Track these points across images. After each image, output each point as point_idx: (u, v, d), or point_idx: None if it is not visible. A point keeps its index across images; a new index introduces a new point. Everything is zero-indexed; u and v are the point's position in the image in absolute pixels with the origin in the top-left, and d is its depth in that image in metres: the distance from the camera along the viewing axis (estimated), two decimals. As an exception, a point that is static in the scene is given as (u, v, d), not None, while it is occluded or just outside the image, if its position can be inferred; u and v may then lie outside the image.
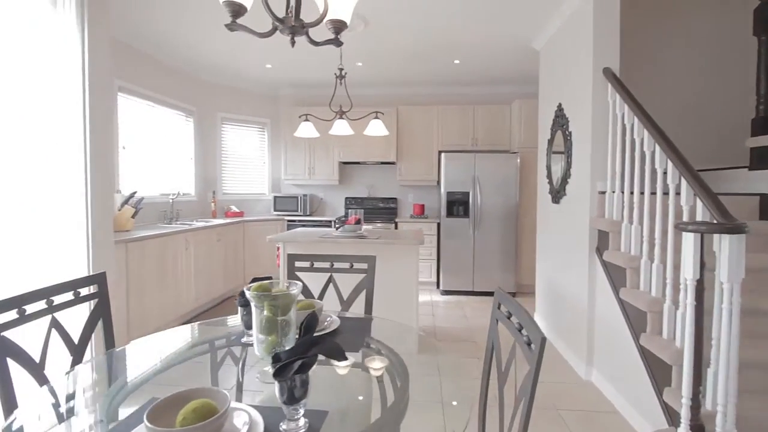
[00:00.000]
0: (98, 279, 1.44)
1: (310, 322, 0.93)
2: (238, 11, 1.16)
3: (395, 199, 5.82)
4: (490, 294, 4.96)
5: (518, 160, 4.85)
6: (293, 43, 1.16)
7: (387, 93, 5.83)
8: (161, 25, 3.64)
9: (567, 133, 3.24)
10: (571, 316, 3.11)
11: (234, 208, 5.43)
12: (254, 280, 1.45)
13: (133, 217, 3.58)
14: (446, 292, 5.05)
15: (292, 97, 5.97)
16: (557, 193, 3.42)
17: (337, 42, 1.27)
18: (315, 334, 1.46)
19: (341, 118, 3.50)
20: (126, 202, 3.60)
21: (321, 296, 1.92)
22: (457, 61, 4.57)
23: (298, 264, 1.99)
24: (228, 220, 4.87)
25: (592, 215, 2.84)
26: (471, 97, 5.71)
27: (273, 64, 4.76)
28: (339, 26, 1.26)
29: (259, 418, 0.88)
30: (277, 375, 0.78)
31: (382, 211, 5.80)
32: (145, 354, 1.36)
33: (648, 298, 2.13)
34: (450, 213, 4.98)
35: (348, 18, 1.27)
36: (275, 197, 5.61)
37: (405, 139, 5.51)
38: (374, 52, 4.31)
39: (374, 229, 4.07)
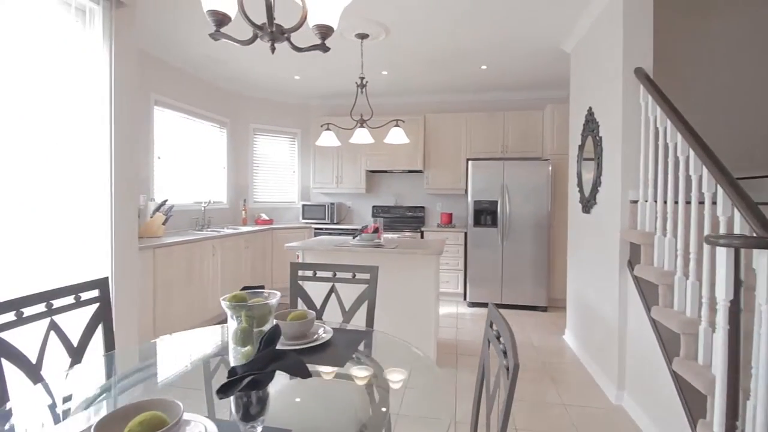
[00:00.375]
0: (99, 284, 1.49)
1: (273, 335, 0.89)
2: (221, 20, 1.16)
3: (423, 207, 5.74)
4: (519, 307, 4.74)
5: (550, 168, 4.63)
6: (273, 49, 1.15)
7: (414, 101, 5.79)
8: (193, 41, 3.81)
9: (597, 138, 3.05)
10: (602, 335, 2.88)
11: (264, 216, 5.56)
12: (245, 288, 1.43)
13: (163, 224, 3.74)
14: (473, 304, 4.88)
15: (321, 108, 6.06)
16: (588, 202, 3.22)
17: (323, 48, 1.25)
18: (306, 346, 1.43)
19: (362, 126, 3.50)
20: (157, 209, 3.77)
21: (323, 307, 1.89)
22: (484, 67, 4.46)
23: (301, 273, 1.97)
24: (256, 228, 4.99)
25: (623, 226, 2.63)
26: (500, 103, 5.54)
27: (301, 75, 4.86)
28: (325, 31, 1.24)
29: (214, 431, 0.85)
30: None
31: (410, 219, 5.73)
32: (142, 358, 1.39)
33: (681, 318, 1.92)
34: (477, 222, 4.83)
35: (334, 22, 1.25)
36: (303, 205, 5.69)
37: (432, 147, 5.43)
38: (399, 61, 4.29)
39: (396, 238, 4.01)
